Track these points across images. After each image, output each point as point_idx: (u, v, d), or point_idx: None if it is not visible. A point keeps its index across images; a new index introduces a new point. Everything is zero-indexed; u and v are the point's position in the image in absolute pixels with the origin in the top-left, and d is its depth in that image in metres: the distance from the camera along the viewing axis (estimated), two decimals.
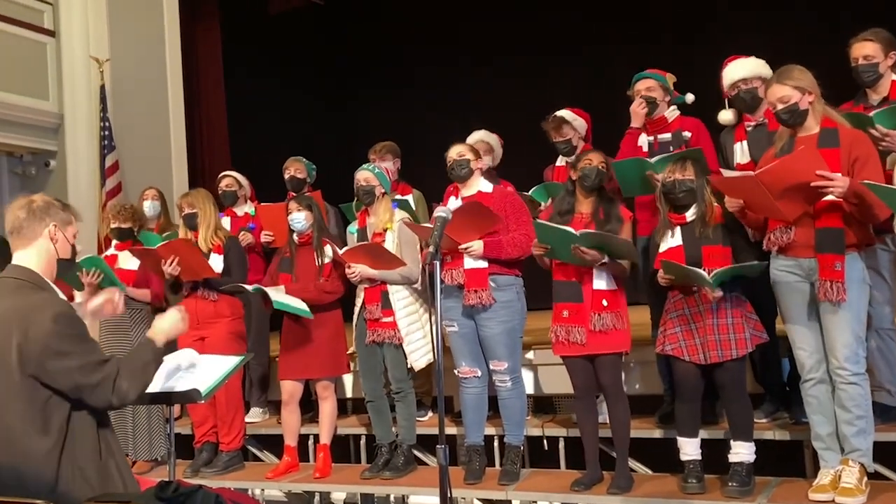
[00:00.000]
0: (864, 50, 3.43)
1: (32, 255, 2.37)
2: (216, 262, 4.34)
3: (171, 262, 4.22)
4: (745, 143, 3.72)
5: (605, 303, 3.47)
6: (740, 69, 3.72)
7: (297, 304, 3.99)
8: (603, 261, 3.43)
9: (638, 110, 3.89)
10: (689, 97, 3.98)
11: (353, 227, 4.29)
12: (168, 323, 2.54)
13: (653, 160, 3.64)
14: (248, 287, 4.12)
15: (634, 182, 3.74)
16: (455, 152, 3.85)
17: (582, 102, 4.39)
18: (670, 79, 3.97)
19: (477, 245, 3.66)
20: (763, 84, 3.66)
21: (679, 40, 7.24)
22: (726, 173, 3.28)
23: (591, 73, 8.00)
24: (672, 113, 3.93)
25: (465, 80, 8.87)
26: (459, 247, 3.65)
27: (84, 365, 2.21)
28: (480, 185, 3.85)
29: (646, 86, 3.92)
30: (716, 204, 3.35)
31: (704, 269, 3.24)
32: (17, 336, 2.19)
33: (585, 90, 6.71)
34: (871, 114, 3.27)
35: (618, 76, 4.38)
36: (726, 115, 3.83)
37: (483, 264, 3.68)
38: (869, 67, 3.43)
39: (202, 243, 4.37)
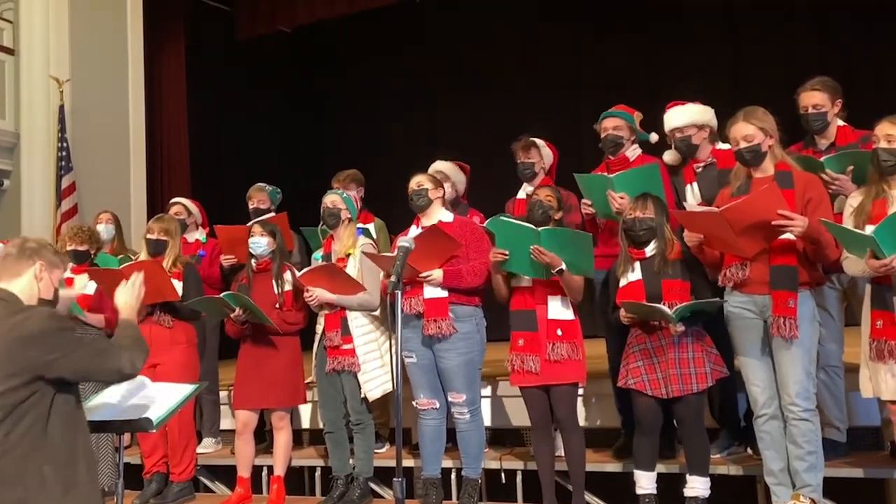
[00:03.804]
0: (813, 99, 3.57)
1: (15, 286, 2.43)
2: (176, 288, 4.26)
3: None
4: (695, 184, 3.80)
5: (559, 332, 3.49)
6: (676, 117, 3.80)
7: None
8: (561, 267, 3.41)
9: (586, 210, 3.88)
10: (654, 137, 4.02)
11: (317, 254, 4.26)
12: (129, 293, 2.58)
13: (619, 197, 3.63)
14: (220, 295, 4.04)
15: (601, 201, 3.74)
16: (414, 182, 3.85)
17: (551, 134, 4.44)
18: (637, 117, 4.00)
19: (437, 274, 3.64)
20: (699, 131, 3.77)
21: (645, 85, 7.42)
22: (692, 208, 3.35)
23: (561, 106, 8.15)
24: (633, 152, 3.96)
25: (433, 107, 8.95)
26: (420, 275, 3.64)
27: (90, 347, 2.32)
28: (440, 214, 3.84)
29: (613, 124, 3.93)
30: (675, 241, 3.42)
31: (664, 304, 3.29)
32: (11, 342, 2.24)
33: (555, 123, 6.79)
34: (822, 159, 3.42)
35: (589, 109, 4.41)
36: (669, 156, 3.92)
37: (443, 293, 3.67)
38: (818, 116, 3.57)
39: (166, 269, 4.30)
